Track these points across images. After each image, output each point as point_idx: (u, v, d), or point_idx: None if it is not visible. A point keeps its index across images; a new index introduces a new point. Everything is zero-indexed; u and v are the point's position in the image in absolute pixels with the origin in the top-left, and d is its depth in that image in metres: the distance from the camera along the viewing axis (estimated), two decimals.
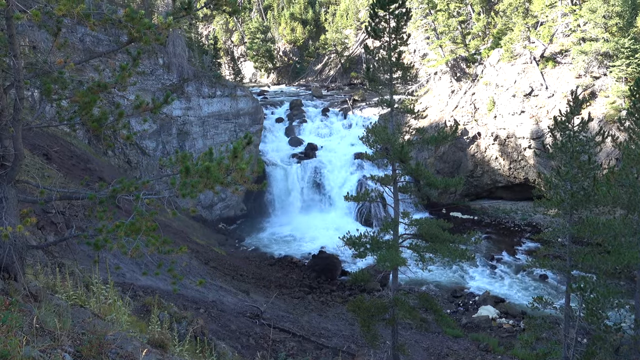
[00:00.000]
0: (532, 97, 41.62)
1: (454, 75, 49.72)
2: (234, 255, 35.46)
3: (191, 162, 7.73)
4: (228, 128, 43.87)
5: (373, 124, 20.37)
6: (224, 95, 43.56)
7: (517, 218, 43.04)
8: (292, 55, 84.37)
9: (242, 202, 45.14)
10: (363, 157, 21.36)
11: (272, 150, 49.65)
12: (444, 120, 46.64)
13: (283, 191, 45.22)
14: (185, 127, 40.83)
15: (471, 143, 45.52)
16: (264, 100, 59.72)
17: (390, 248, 18.45)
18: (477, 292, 31.67)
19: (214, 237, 38.51)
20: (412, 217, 19.68)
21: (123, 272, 19.53)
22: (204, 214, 41.93)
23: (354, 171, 46.11)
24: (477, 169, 45.67)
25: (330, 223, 42.44)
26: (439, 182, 19.06)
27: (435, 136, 19.65)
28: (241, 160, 7.74)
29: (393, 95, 20.02)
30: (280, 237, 40.73)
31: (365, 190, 20.40)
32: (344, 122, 54.20)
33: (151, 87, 38.30)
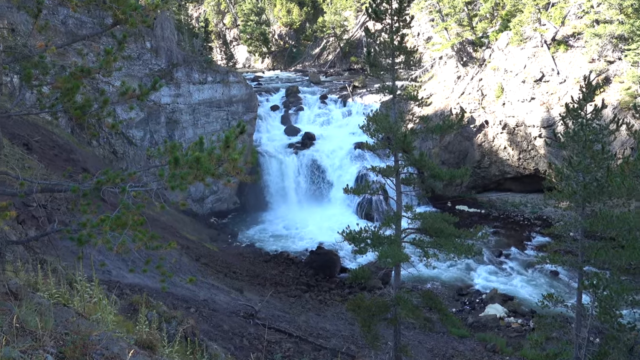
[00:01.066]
0: (542, 82, 41.57)
1: (460, 59, 49.62)
2: (227, 251, 35.49)
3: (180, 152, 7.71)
4: (220, 116, 43.79)
5: (374, 112, 20.35)
6: (216, 82, 43.46)
7: (526, 211, 43.12)
8: (288, 38, 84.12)
9: (235, 195, 45.14)
10: (363, 147, 21.34)
11: (267, 139, 49.60)
12: (449, 107, 46.60)
13: (278, 183, 45.22)
14: (175, 115, 40.75)
15: (478, 132, 45.52)
16: (258, 87, 59.58)
17: (392, 243, 18.48)
18: (484, 290, 31.77)
19: (205, 232, 38.53)
20: (415, 210, 19.69)
21: (109, 269, 19.54)
22: (195, 207, 41.94)
23: (354, 162, 46.11)
24: (485, 159, 45.70)
25: (328, 217, 42.47)
26: (443, 174, 19.06)
27: (440, 125, 19.63)
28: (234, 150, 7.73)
29: (395, 81, 19.97)
30: (275, 232, 40.78)
31: (366, 182, 20.40)
32: (344, 109, 54.12)
33: (138, 72, 38.17)
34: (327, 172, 45.82)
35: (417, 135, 19.77)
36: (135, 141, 38.48)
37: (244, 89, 45.64)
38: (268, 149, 47.61)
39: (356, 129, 41.63)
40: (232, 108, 44.48)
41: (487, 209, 44.43)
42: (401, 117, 20.15)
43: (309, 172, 45.89)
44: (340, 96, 56.42)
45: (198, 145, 7.87)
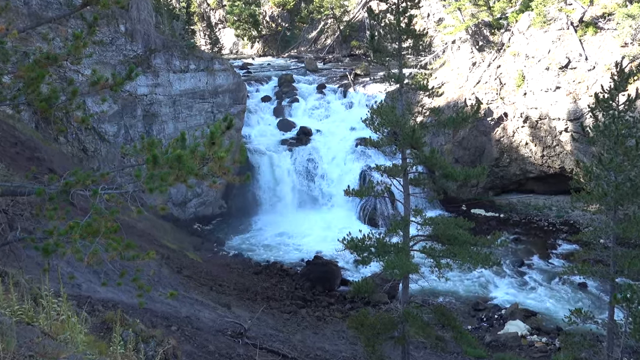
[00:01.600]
0: (569, 70, 41.64)
1: (476, 44, 49.68)
2: (212, 261, 35.45)
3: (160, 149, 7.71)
4: (204, 109, 43.77)
5: (378, 104, 20.34)
6: (199, 70, 43.44)
7: (551, 215, 43.18)
8: (281, 21, 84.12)
9: (221, 199, 45.11)
10: (367, 143, 21.35)
11: (257, 135, 49.58)
12: (463, 98, 46.65)
13: (271, 184, 45.20)
14: (153, 107, 40.72)
15: (496, 126, 45.57)
16: (247, 76, 59.52)
17: (400, 252, 18.49)
18: (504, 305, 31.80)
19: (188, 240, 38.49)
20: (425, 215, 19.70)
21: (78, 282, 19.51)
22: (176, 212, 41.90)
23: (356, 160, 46.11)
24: (504, 156, 45.76)
25: (327, 223, 42.44)
26: (457, 173, 19.08)
27: (454, 117, 19.65)
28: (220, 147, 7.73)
29: (402, 68, 19.99)
30: (267, 240, 40.74)
31: (370, 183, 20.42)
32: (344, 101, 54.11)
33: (111, 59, 38.14)
34: (325, 171, 45.81)
35: (428, 130, 19.80)
36: (108, 137, 38.44)
37: (231, 77, 45.62)
38: (259, 145, 47.59)
39: (358, 123, 41.60)
40: (217, 99, 44.46)
41: (506, 213, 44.46)
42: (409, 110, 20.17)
43: (305, 172, 45.88)
44: (340, 86, 56.42)
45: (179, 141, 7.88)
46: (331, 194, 44.77)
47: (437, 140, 46.64)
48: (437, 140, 46.70)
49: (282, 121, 51.43)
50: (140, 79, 39.40)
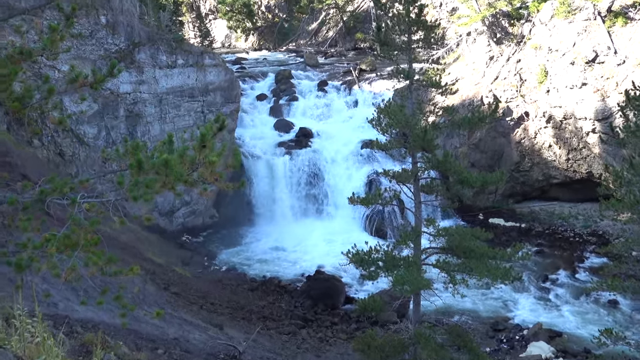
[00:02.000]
0: (596, 64, 41.66)
1: (493, 36, 49.73)
2: (203, 277, 35.42)
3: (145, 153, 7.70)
4: (193, 108, 43.82)
5: (386, 102, 20.35)
6: (188, 65, 43.49)
7: (577, 225, 43.11)
8: (278, 11, 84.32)
9: (213, 207, 45.10)
10: (373, 146, 21.34)
11: (252, 137, 49.58)
12: (479, 96, 46.67)
13: (267, 192, 45.18)
14: (137, 107, 40.76)
15: (516, 126, 45.58)
16: (241, 72, 59.59)
17: (410, 267, 18.47)
18: (526, 324, 31.72)
19: (176, 253, 38.47)
20: (438, 225, 19.68)
21: (55, 300, 19.50)
22: (162, 222, 41.88)
23: (361, 165, 46.12)
24: (525, 160, 45.75)
25: (330, 234, 42.40)
26: (474, 179, 19.08)
27: (469, 117, 19.66)
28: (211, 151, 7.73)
29: (412, 63, 20.00)
30: (263, 253, 40.69)
31: (377, 189, 20.41)
32: (348, 99, 54.15)
33: (91, 54, 38.20)
34: (327, 177, 45.80)
35: (441, 131, 19.80)
36: (87, 140, 38.46)
37: (223, 74, 45.67)
38: (254, 149, 47.61)
39: (364, 124, 41.59)
40: (208, 98, 44.51)
41: (528, 223, 44.40)
42: (420, 109, 20.17)
43: (305, 178, 45.86)
44: (344, 82, 56.48)
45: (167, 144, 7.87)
46: (334, 202, 44.72)
47: (451, 143, 46.63)
48: (451, 142, 46.69)
49: (280, 122, 51.45)
50: (123, 75, 39.43)
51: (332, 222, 43.98)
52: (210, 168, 7.74)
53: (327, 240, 41.54)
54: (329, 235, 42.27)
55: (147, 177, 7.51)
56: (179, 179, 7.56)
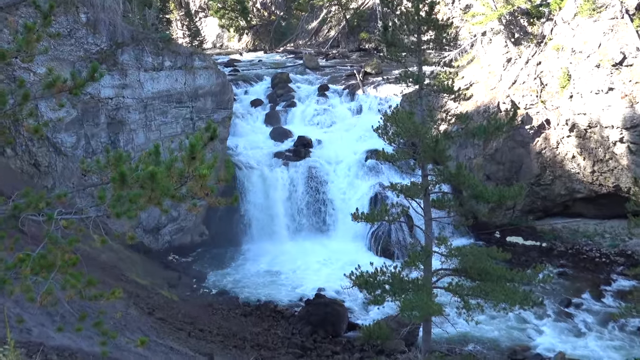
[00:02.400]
0: (624, 67, 41.73)
1: (511, 36, 49.87)
2: (191, 301, 35.36)
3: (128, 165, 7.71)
4: (181, 115, 43.89)
5: (393, 109, 20.41)
6: (176, 67, 43.61)
7: (604, 244, 43.06)
8: (275, 8, 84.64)
9: (202, 224, 45.09)
10: (379, 156, 21.39)
11: (246, 147, 49.63)
12: (496, 102, 46.74)
13: (262, 207, 45.17)
14: (119, 113, 40.84)
15: (537, 135, 45.61)
16: (234, 75, 59.72)
17: (420, 290, 18.45)
18: (547, 353, 31.66)
19: (162, 274, 38.42)
20: (451, 244, 19.69)
21: (29, 326, 19.47)
22: (147, 241, 41.86)
23: (365, 177, 46.13)
24: (546, 173, 45.75)
25: (331, 254, 42.38)
26: (490, 193, 19.09)
27: (485, 126, 19.70)
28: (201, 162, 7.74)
29: (422, 66, 20.06)
30: (258, 275, 40.66)
31: (383, 205, 20.43)
32: (351, 105, 54.24)
33: (69, 55, 38.31)
34: (328, 191, 45.80)
35: (453, 141, 19.84)
36: (65, 150, 38.51)
37: (214, 77, 45.78)
38: (248, 160, 47.63)
39: (369, 132, 41.64)
40: (198, 104, 44.60)
41: (549, 242, 44.34)
42: (431, 116, 20.22)
43: (304, 192, 45.86)
44: (347, 87, 56.58)
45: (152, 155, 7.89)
46: (336, 219, 44.71)
47: (464, 153, 46.65)
48: (464, 153, 46.71)
49: (276, 130, 51.51)
50: (105, 78, 39.50)
51: (334, 241, 43.94)
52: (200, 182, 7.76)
53: (328, 260, 41.51)
54: (330, 255, 42.24)
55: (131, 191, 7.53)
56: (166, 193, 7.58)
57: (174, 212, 42.39)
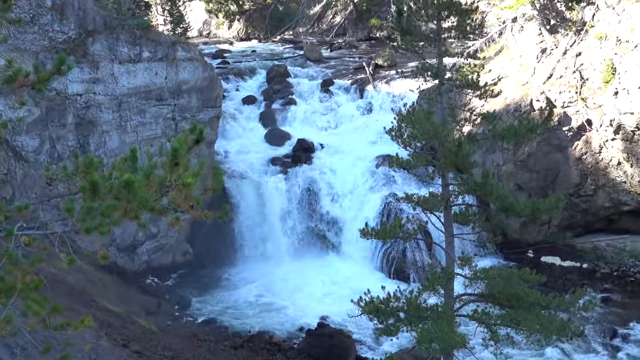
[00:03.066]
0: None
1: (546, 23, 49.93)
2: (173, 331, 35.34)
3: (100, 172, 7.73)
4: (162, 114, 43.91)
5: (409, 107, 20.44)
6: (156, 59, 43.65)
7: None
8: None
9: (186, 242, 45.05)
10: (392, 163, 21.41)
11: (237, 151, 49.66)
12: (529, 99, 46.74)
13: (256, 221, 45.15)
14: (90, 112, 40.88)
15: (576, 138, 45.60)
16: (223, 68, 59.78)
17: (440, 319, 18.44)
18: None
19: (138, 300, 38.40)
20: (476, 265, 19.68)
21: None
22: (122, 261, 41.85)
23: (377, 187, 46.08)
24: (587, 182, 45.70)
25: (336, 276, 42.32)
26: (521, 206, 19.10)
27: (515, 127, 19.72)
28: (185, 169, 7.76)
29: (443, 57, 20.09)
30: (250, 301, 40.60)
31: (397, 219, 20.44)
32: (360, 103, 54.26)
33: (32, 45, 38.39)
34: (333, 203, 45.78)
35: (479, 144, 19.87)
36: (26, 154, 38.54)
37: (200, 70, 45.81)
38: (239, 166, 47.64)
39: (380, 135, 41.71)
40: (181, 101, 44.61)
41: (591, 262, 44.24)
42: (452, 115, 20.25)
43: (305, 204, 45.86)
44: (355, 82, 56.62)
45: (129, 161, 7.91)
46: (341, 236, 44.68)
47: (492, 159, 46.63)
48: (492, 158, 46.69)
49: (273, 132, 51.51)
50: (73, 72, 39.50)
51: (339, 261, 43.90)
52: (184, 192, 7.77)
53: (333, 284, 41.43)
54: (334, 277, 42.16)
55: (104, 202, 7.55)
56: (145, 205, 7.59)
57: (153, 228, 42.33)
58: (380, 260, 43.03)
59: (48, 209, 28.68)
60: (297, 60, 64.69)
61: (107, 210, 7.57)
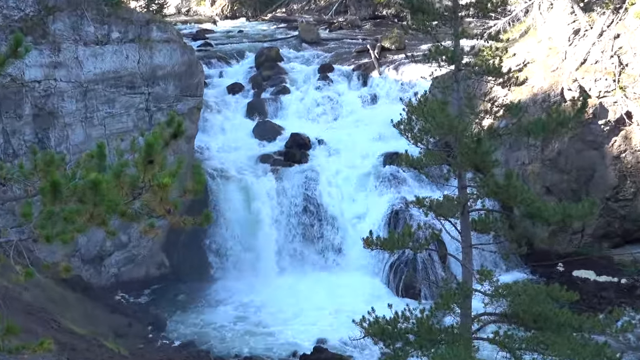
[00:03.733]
0: None
1: (579, 0, 49.99)
2: (146, 355, 35.36)
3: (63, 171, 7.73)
4: (134, 104, 43.90)
5: (421, 97, 20.46)
6: (127, 40, 43.63)
7: None
8: None
9: (162, 252, 45.06)
10: (401, 161, 21.42)
11: (221, 148, 49.63)
12: (559, 88, 46.79)
13: (243, 229, 45.13)
14: (50, 102, 40.88)
15: (614, 133, 45.63)
16: (205, 50, 59.81)
17: (456, 342, 18.46)
18: None
19: (106, 319, 38.40)
20: (498, 280, 19.69)
21: None
22: (87, 274, 41.85)
23: (383, 189, 46.08)
24: (626, 184, 45.74)
25: (335, 292, 42.26)
26: (550, 212, 19.13)
27: (544, 120, 19.74)
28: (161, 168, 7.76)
29: (460, 39, 20.11)
30: (236, 321, 40.58)
31: (407, 227, 20.45)
32: (364, 92, 54.25)
33: None
34: (332, 208, 45.77)
35: (501, 140, 19.89)
36: None
37: (178, 53, 45.80)
38: (223, 165, 47.60)
39: (387, 129, 41.77)
40: (156, 89, 44.60)
41: (631, 277, 44.27)
42: (470, 107, 20.27)
43: (300, 209, 45.84)
44: (358, 67, 56.65)
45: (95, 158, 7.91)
46: (341, 245, 44.66)
47: (516, 157, 46.67)
48: (516, 156, 46.73)
49: (262, 125, 51.47)
50: (31, 55, 39.50)
51: (339, 275, 43.84)
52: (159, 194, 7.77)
53: (331, 301, 41.36)
54: (333, 294, 42.09)
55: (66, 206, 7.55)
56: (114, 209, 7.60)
57: (124, 236, 42.33)
58: (387, 274, 42.99)
59: (2, 213, 28.67)
60: (291, 42, 64.73)
61: (70, 215, 7.57)
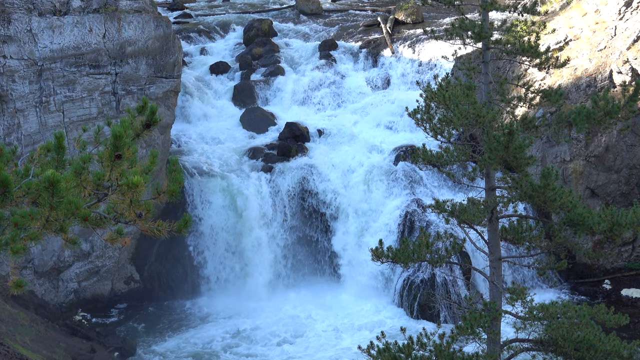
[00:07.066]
0: None
1: None
2: None
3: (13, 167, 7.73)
4: (99, 86, 43.90)
5: (441, 80, 20.47)
6: (90, 11, 43.62)
7: None
8: None
9: (131, 264, 45.08)
10: (418, 157, 21.44)
11: (202, 139, 49.62)
12: (607, 70, 46.81)
13: (228, 237, 45.12)
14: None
15: None
16: (184, 23, 59.78)
17: None
18: None
19: (64, 343, 38.45)
20: (532, 300, 19.71)
21: None
22: (42, 289, 41.90)
23: (395, 190, 46.06)
24: None
25: (337, 312, 42.31)
26: (595, 219, 19.14)
27: (588, 109, 19.75)
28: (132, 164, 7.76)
29: (489, 11, 20.13)
30: (219, 346, 40.61)
31: (423, 235, 20.45)
32: (373, 73, 54.26)
33: None
34: (334, 212, 45.77)
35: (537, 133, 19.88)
36: None
37: (151, 26, 45.76)
38: (205, 160, 47.56)
39: (401, 118, 41.70)
40: (125, 69, 44.60)
41: None
42: (501, 93, 20.29)
43: (296, 213, 45.84)
44: (366, 44, 56.62)
45: (52, 151, 7.92)
46: (346, 257, 44.65)
47: (554, 154, 46.68)
48: (554, 153, 46.74)
49: (252, 112, 51.47)
50: None
51: (342, 293, 43.86)
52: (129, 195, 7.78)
53: (334, 324, 41.38)
54: (336, 315, 42.13)
55: (19, 210, 7.56)
56: (74, 213, 7.60)
57: (86, 245, 42.36)
58: (399, 292, 42.96)
59: None
60: (287, 13, 64.69)
61: (22, 220, 7.57)
